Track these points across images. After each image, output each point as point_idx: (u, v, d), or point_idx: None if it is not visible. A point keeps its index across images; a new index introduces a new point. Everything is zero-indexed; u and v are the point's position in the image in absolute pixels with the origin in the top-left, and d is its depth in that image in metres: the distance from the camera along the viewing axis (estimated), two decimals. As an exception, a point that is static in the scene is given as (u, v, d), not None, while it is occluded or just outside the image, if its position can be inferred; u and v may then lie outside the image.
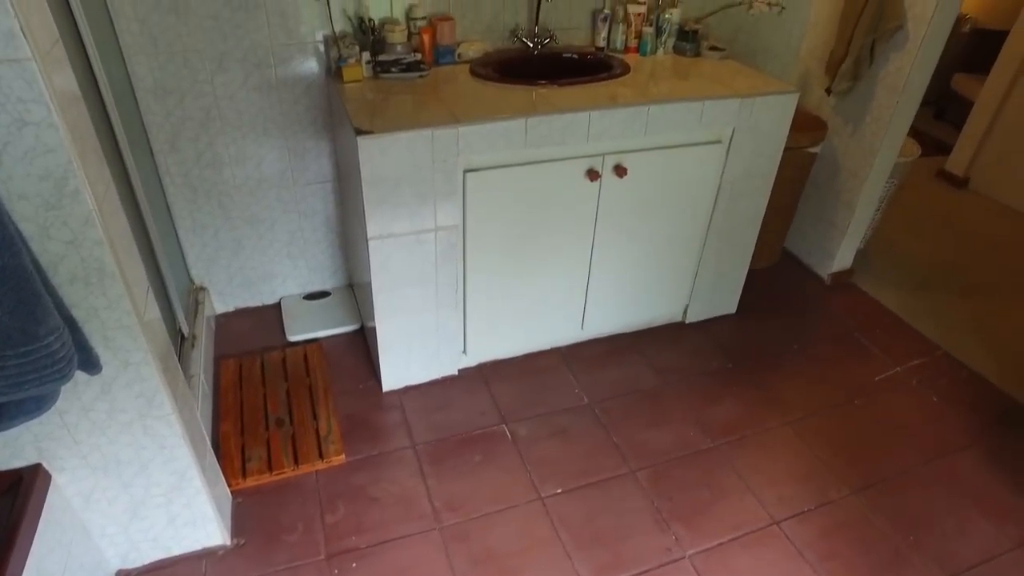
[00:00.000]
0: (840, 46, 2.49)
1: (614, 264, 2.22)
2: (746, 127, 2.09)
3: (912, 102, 2.47)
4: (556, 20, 2.28)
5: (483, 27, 2.21)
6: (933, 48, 2.35)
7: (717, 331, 2.56)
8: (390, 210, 1.79)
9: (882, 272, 3.00)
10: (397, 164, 1.72)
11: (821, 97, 2.69)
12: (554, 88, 1.96)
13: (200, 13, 1.93)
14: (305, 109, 2.17)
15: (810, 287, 2.87)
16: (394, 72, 1.98)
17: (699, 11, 2.46)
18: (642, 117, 1.90)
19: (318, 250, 2.48)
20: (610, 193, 2.03)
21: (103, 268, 1.20)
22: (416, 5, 2.07)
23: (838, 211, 2.76)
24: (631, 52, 2.32)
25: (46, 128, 1.06)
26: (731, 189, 2.22)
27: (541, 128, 1.80)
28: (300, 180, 2.30)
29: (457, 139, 1.74)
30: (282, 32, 2.02)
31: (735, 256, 2.44)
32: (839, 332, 2.61)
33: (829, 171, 2.76)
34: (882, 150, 2.54)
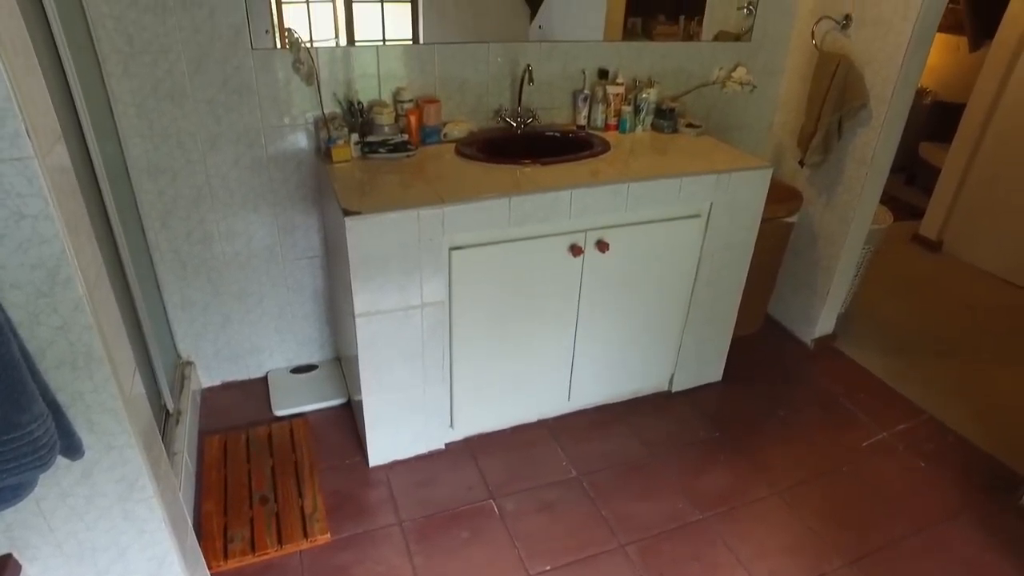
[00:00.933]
0: (810, 122, 2.61)
1: (599, 336, 2.25)
2: (723, 201, 2.17)
3: (880, 174, 2.58)
4: (538, 100, 2.38)
5: (468, 108, 2.31)
6: (895, 124, 2.47)
7: (703, 399, 2.57)
8: (377, 288, 1.82)
9: (864, 336, 3.05)
10: (384, 243, 1.76)
11: (795, 169, 2.80)
12: (537, 167, 2.03)
13: (196, 98, 2.00)
14: (295, 187, 2.23)
15: (794, 353, 2.91)
16: (382, 152, 2.05)
17: (675, 90, 2.58)
18: (623, 194, 1.97)
19: (306, 324, 2.50)
20: (593, 268, 2.08)
21: (91, 352, 1.21)
22: (403, 88, 2.17)
23: (818, 277, 2.83)
24: (611, 130, 2.42)
25: (43, 220, 1.09)
26: (711, 260, 2.28)
27: (524, 206, 1.86)
28: (289, 255, 2.34)
29: (442, 218, 1.79)
30: (274, 114, 2.10)
31: (718, 325, 2.48)
32: (824, 398, 2.63)
33: (807, 239, 2.84)
34: (856, 218, 2.63)
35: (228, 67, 1.99)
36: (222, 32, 1.94)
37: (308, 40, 2.05)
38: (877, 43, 2.40)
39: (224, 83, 2.01)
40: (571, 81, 2.41)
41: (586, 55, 2.40)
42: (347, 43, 2.14)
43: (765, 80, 2.78)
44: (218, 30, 1.94)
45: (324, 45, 2.08)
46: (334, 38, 2.12)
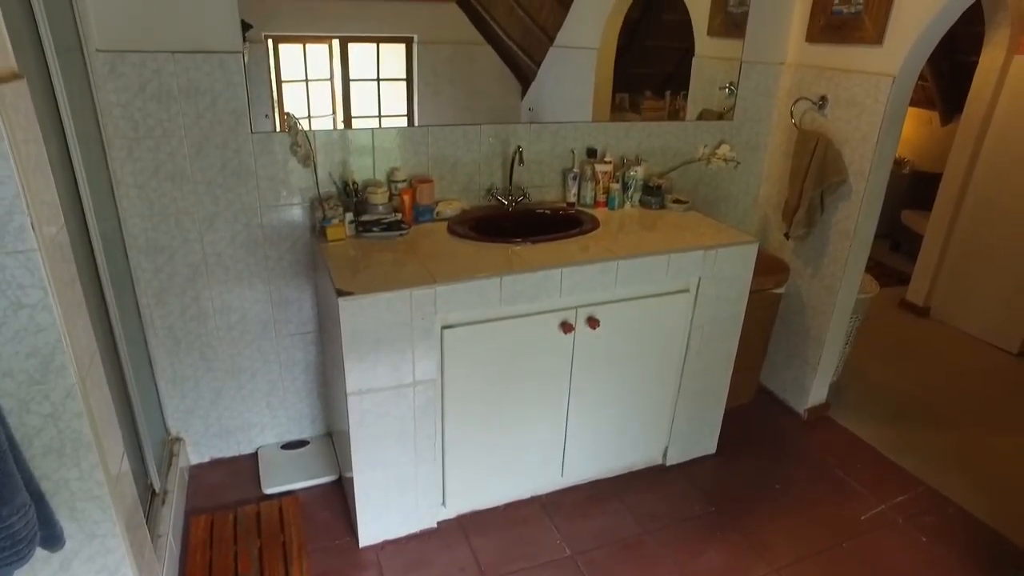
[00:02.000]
0: (793, 197, 2.69)
1: (591, 411, 2.25)
2: (711, 276, 2.21)
3: (863, 245, 2.64)
4: (529, 179, 2.46)
5: (460, 187, 2.37)
6: (875, 198, 2.55)
7: (698, 473, 2.54)
8: (369, 366, 1.83)
9: (858, 405, 3.05)
10: (376, 322, 1.78)
11: (782, 241, 2.87)
12: (527, 245, 2.08)
13: (196, 179, 2.05)
14: (289, 264, 2.26)
15: (788, 423, 2.90)
16: (376, 232, 2.10)
17: (662, 167, 2.67)
18: (612, 271, 2.01)
19: (297, 399, 2.49)
20: (584, 344, 2.10)
21: (80, 438, 1.21)
22: (398, 168, 2.23)
23: (808, 347, 2.85)
24: (600, 206, 2.49)
25: (41, 310, 1.11)
26: (701, 334, 2.31)
27: (515, 285, 1.89)
28: (283, 331, 2.35)
29: (435, 298, 1.81)
30: (271, 194, 2.15)
31: (710, 397, 2.48)
32: (820, 469, 2.60)
33: (796, 310, 2.88)
34: (842, 289, 2.68)
35: (228, 150, 2.06)
36: (223, 117, 2.02)
37: (307, 119, 2.14)
38: (852, 123, 2.50)
39: (223, 165, 2.07)
40: (561, 160, 2.49)
41: (575, 134, 2.49)
42: (344, 122, 2.23)
43: (749, 156, 2.88)
44: (219, 116, 2.01)
45: (321, 128, 2.16)
46: (331, 115, 2.21)
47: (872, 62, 2.41)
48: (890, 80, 2.35)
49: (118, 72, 1.87)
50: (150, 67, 1.90)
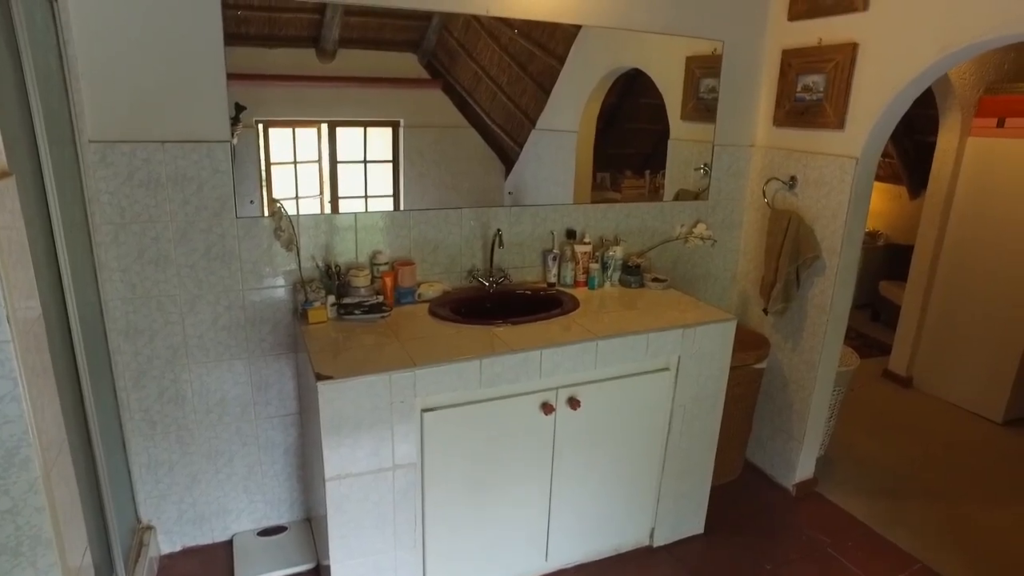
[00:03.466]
0: (769, 273, 2.75)
1: (575, 493, 2.21)
2: (691, 354, 2.23)
3: (839, 319, 2.68)
4: (509, 260, 2.50)
5: (442, 268, 2.41)
6: (848, 273, 2.61)
7: (686, 554, 2.48)
8: (348, 451, 1.80)
9: (846, 479, 3.02)
10: (356, 406, 1.77)
11: (761, 316, 2.91)
12: (508, 327, 2.09)
13: (179, 263, 2.08)
14: (271, 346, 2.26)
15: (776, 499, 2.86)
16: (357, 314, 2.11)
17: (641, 246, 2.73)
18: (592, 351, 2.03)
19: (276, 483, 2.43)
20: (565, 424, 2.09)
21: (39, 536, 1.17)
22: (380, 251, 2.27)
23: (792, 422, 2.84)
24: (580, 286, 2.53)
25: (9, 401, 1.09)
26: (683, 412, 2.30)
27: (495, 367, 1.90)
28: (262, 413, 2.32)
29: (414, 381, 1.81)
30: (253, 278, 2.17)
31: (696, 475, 2.45)
32: (811, 548, 2.55)
33: (778, 384, 2.89)
34: (822, 362, 2.70)
35: (212, 235, 2.09)
36: (209, 203, 2.06)
37: (294, 200, 2.19)
38: (822, 201, 2.60)
39: (207, 249, 2.10)
40: (541, 241, 2.55)
41: (554, 216, 2.56)
42: (331, 202, 2.28)
43: (725, 233, 2.96)
44: (205, 201, 2.06)
45: (308, 210, 2.20)
46: (319, 196, 2.26)
47: (836, 145, 2.52)
48: (853, 161, 2.45)
49: (108, 161, 1.92)
50: (140, 156, 1.95)
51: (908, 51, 2.25)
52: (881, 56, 2.35)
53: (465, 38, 2.33)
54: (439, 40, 2.29)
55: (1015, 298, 3.54)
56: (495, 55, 2.40)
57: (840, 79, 2.47)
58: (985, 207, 3.64)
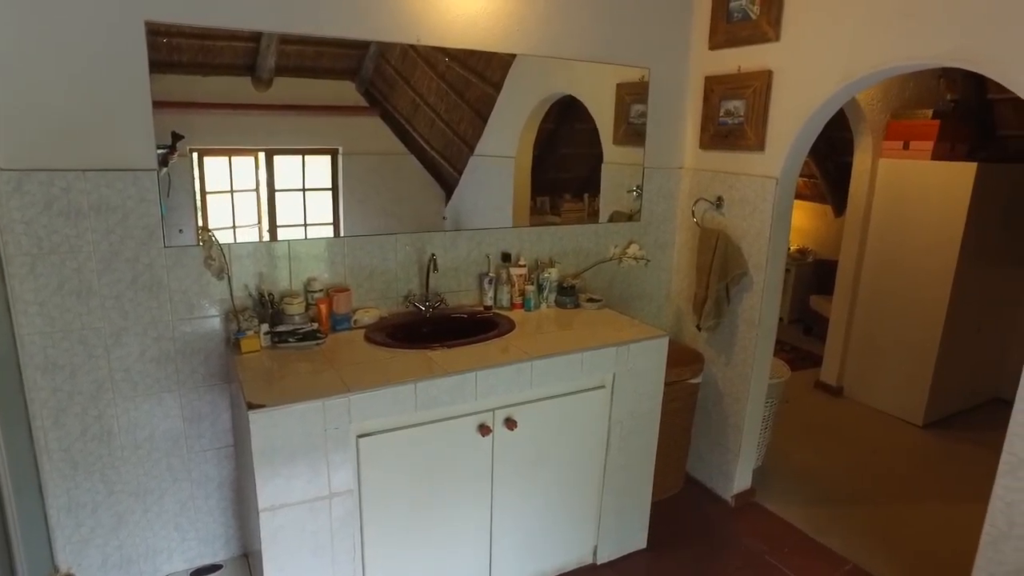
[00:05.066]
0: (701, 290, 2.84)
1: (516, 514, 2.22)
2: (625, 371, 2.28)
3: (768, 333, 2.79)
4: (446, 284, 2.52)
5: (377, 294, 2.41)
6: (774, 288, 2.73)
7: (630, 570, 2.51)
8: (283, 480, 1.77)
9: (782, 488, 3.12)
10: (289, 435, 1.74)
11: (695, 332, 3.00)
12: (444, 350, 2.10)
13: (103, 294, 2.01)
14: (203, 377, 2.20)
15: (716, 511, 2.92)
16: (291, 342, 2.09)
17: (576, 268, 2.79)
18: (527, 372, 2.06)
19: (210, 519, 2.35)
20: (503, 445, 2.10)
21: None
22: (314, 278, 2.26)
23: (728, 434, 2.93)
24: (517, 308, 2.56)
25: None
26: (621, 428, 2.35)
27: (431, 391, 1.91)
28: (195, 446, 2.25)
29: (348, 407, 1.80)
30: (183, 307, 2.12)
31: (636, 491, 2.49)
32: (751, 556, 2.61)
33: (714, 398, 2.98)
34: (754, 375, 2.80)
35: (139, 264, 2.04)
36: (135, 232, 2.01)
37: (231, 229, 2.15)
38: (747, 220, 2.71)
39: (134, 280, 2.04)
40: (477, 265, 2.58)
41: (489, 240, 2.60)
42: (269, 231, 2.25)
43: (658, 253, 3.06)
44: (131, 231, 2.00)
45: (236, 240, 2.17)
46: (256, 225, 2.23)
47: (757, 166, 2.65)
48: (774, 181, 2.58)
49: (23, 190, 1.86)
50: (58, 185, 1.90)
51: (816, 79, 2.40)
52: (794, 83, 2.49)
53: (403, 66, 2.36)
54: (376, 68, 2.31)
55: (927, 308, 3.75)
56: (433, 83, 2.44)
57: (758, 104, 2.61)
58: (897, 223, 3.87)
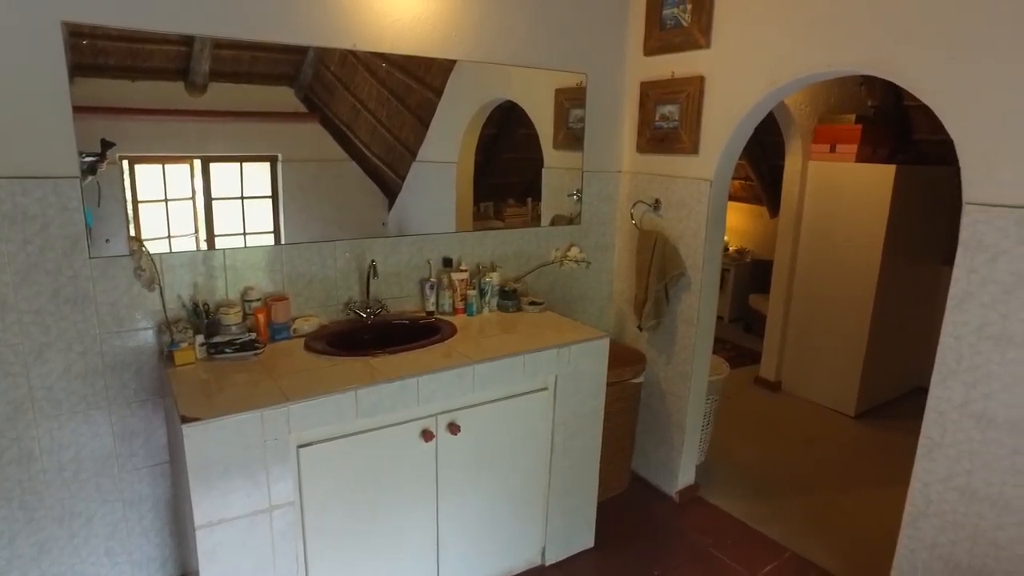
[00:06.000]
0: (640, 291, 2.91)
1: (463, 518, 2.22)
2: (567, 372, 2.31)
3: (707, 331, 2.87)
4: (387, 291, 2.50)
5: (317, 303, 2.37)
6: (711, 287, 2.81)
7: (578, 569, 2.53)
8: (220, 495, 1.72)
9: (724, 481, 3.20)
10: (226, 447, 1.69)
11: (636, 333, 3.06)
12: (385, 357, 2.09)
13: (20, 309, 1.91)
14: (135, 392, 2.12)
15: (662, 508, 2.98)
16: (228, 353, 2.03)
17: (517, 272, 2.81)
18: (468, 376, 2.06)
19: (144, 541, 2.26)
20: (447, 450, 2.10)
21: None
22: (251, 287, 2.21)
23: (671, 432, 2.99)
24: (459, 313, 2.56)
25: None
26: (564, 429, 2.37)
27: (371, 398, 1.89)
28: (127, 465, 2.17)
29: (287, 417, 1.77)
30: (112, 321, 2.04)
31: (582, 491, 2.52)
32: (695, 550, 2.68)
33: (656, 397, 3.04)
34: (694, 373, 2.87)
35: (61, 277, 1.95)
36: (56, 243, 1.92)
37: (166, 239, 2.08)
38: (684, 221, 2.79)
39: (56, 293, 1.95)
40: (418, 271, 2.57)
41: (430, 245, 2.59)
42: (207, 241, 2.19)
43: (599, 256, 3.11)
44: (51, 241, 1.91)
45: (171, 250, 2.10)
46: (194, 234, 2.17)
47: (692, 169, 2.73)
48: (708, 183, 2.66)
49: (-72, 201, 1.76)
50: (-33, 194, 1.80)
51: (745, 84, 2.49)
52: (724, 88, 2.58)
53: (342, 72, 2.33)
54: (316, 74, 2.28)
55: (856, 303, 3.93)
56: (373, 89, 2.42)
57: (692, 108, 2.69)
58: (827, 222, 4.04)
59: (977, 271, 1.88)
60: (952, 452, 1.97)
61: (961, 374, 1.93)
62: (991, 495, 1.89)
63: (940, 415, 1.99)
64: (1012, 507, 1.85)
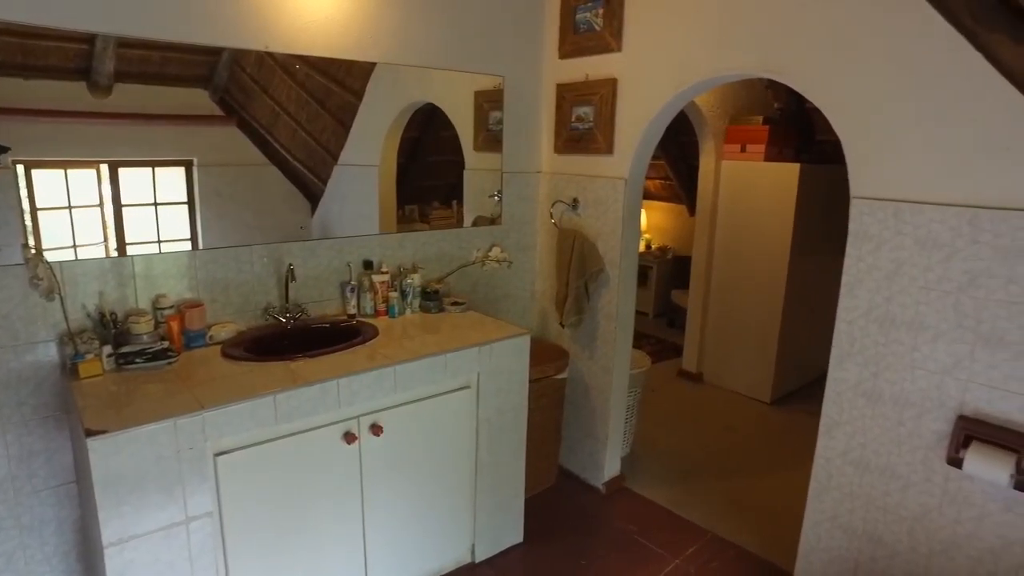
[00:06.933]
0: (562, 288, 2.98)
1: (389, 520, 2.22)
2: (489, 370, 2.34)
3: (626, 326, 2.97)
4: (307, 294, 2.47)
5: (234, 308, 2.32)
6: (629, 282, 2.91)
7: (507, 564, 2.57)
8: (131, 510, 1.66)
9: (649, 471, 3.32)
10: (136, 460, 1.64)
11: (559, 329, 3.13)
12: (306, 361, 2.06)
13: (-102, 325, 1.79)
14: (33, 409, 2.00)
15: (589, 500, 3.06)
16: (139, 363, 1.96)
17: (439, 273, 2.83)
18: (390, 376, 2.06)
19: (47, 567, 2.13)
20: (371, 452, 2.09)
21: None
22: (163, 295, 2.14)
23: (596, 425, 3.07)
24: (381, 315, 2.56)
25: None
26: (488, 427, 2.41)
27: (291, 402, 1.86)
28: (26, 488, 2.05)
29: (203, 425, 1.72)
30: (5, 334, 1.92)
31: (509, 487, 2.56)
32: (621, 538, 2.76)
33: (581, 392, 3.12)
34: (616, 367, 2.96)
35: (-53, 290, 1.83)
36: (-62, 254, 1.81)
37: (71, 248, 1.98)
38: (601, 219, 2.88)
39: (-60, 307, 1.83)
40: (338, 274, 2.54)
41: (350, 248, 2.57)
42: (117, 249, 2.10)
43: (520, 255, 3.16)
44: (-68, 253, 1.80)
45: (77, 258, 2.01)
46: (103, 243, 2.08)
47: (608, 168, 2.82)
48: (623, 182, 2.76)
49: None
50: None
51: (655, 86, 2.60)
52: (636, 90, 2.68)
53: (259, 74, 2.29)
54: (232, 76, 2.23)
55: (768, 296, 4.15)
56: (292, 91, 2.39)
57: (606, 110, 2.78)
58: (740, 219, 4.25)
59: (864, 259, 2.03)
60: (849, 429, 2.12)
61: (855, 356, 2.08)
62: (880, 465, 2.05)
63: (838, 395, 2.14)
64: (896, 474, 2.01)
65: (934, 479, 1.94)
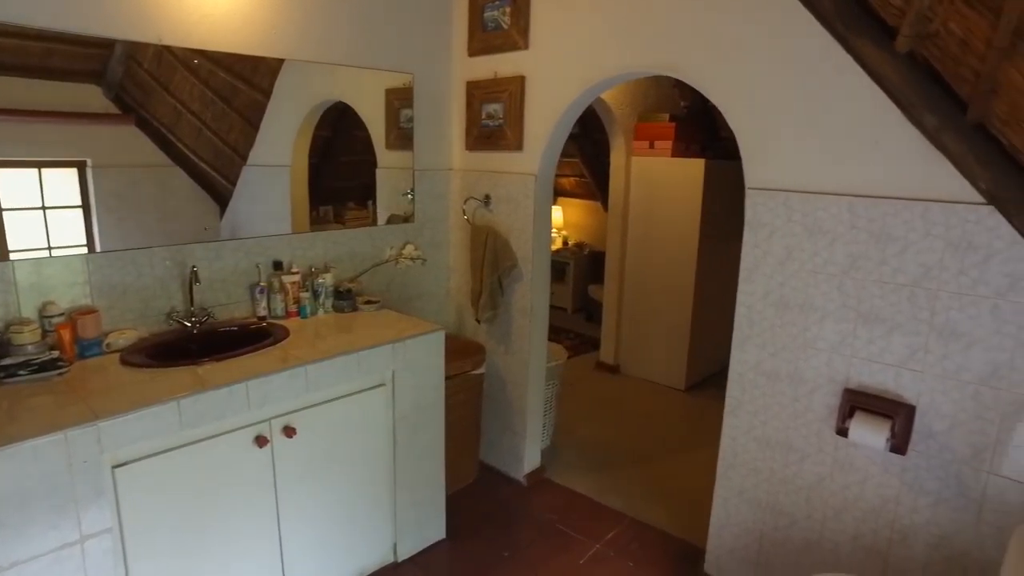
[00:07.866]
0: (476, 284, 3.00)
1: (306, 523, 2.17)
2: (404, 367, 2.34)
3: (541, 320, 3.03)
4: (213, 297, 2.38)
5: (134, 314, 2.21)
6: (542, 277, 2.97)
7: (431, 562, 2.57)
8: (13, 534, 1.54)
9: (569, 461, 3.39)
10: (20, 478, 1.53)
11: (475, 325, 3.15)
12: (213, 365, 1.99)
13: None
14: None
15: (510, 493, 3.10)
16: (23, 375, 1.84)
17: (353, 272, 2.79)
18: (301, 377, 2.02)
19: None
20: (284, 455, 2.05)
21: None
22: (51, 302, 2.01)
23: (514, 419, 3.12)
24: (293, 316, 2.50)
25: None
26: (405, 424, 2.40)
27: (197, 407, 1.80)
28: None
29: (98, 436, 1.63)
30: None
31: (428, 484, 2.56)
32: (543, 528, 2.81)
33: (498, 386, 3.15)
34: (532, 361, 3.02)
35: None
36: None
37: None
38: (512, 215, 2.92)
39: None
40: (247, 276, 2.47)
41: (258, 249, 2.50)
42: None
43: (435, 253, 3.17)
44: None
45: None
46: None
47: (518, 164, 2.87)
48: (533, 178, 2.81)
49: None
50: None
51: (562, 83, 2.66)
52: (543, 87, 2.74)
53: (158, 70, 2.19)
54: (127, 71, 2.12)
55: (680, 287, 4.32)
56: (195, 89, 2.29)
57: (515, 107, 2.82)
58: (651, 214, 4.40)
59: (759, 246, 2.16)
60: (751, 407, 2.25)
61: (754, 338, 2.21)
62: (780, 440, 2.19)
63: (740, 376, 2.27)
64: (794, 447, 2.16)
65: (825, 449, 2.08)
